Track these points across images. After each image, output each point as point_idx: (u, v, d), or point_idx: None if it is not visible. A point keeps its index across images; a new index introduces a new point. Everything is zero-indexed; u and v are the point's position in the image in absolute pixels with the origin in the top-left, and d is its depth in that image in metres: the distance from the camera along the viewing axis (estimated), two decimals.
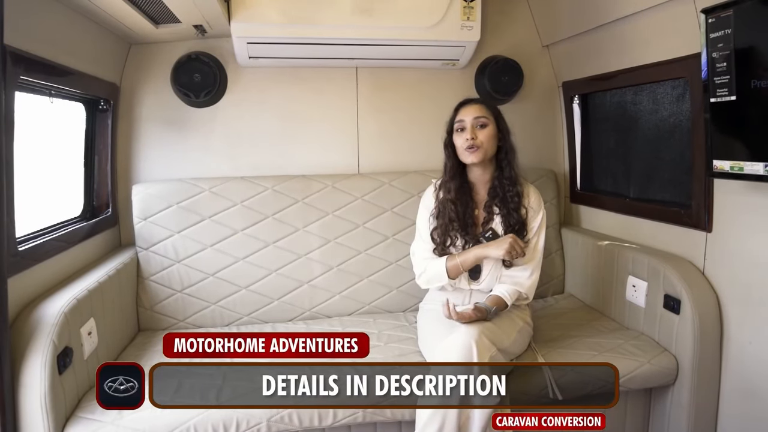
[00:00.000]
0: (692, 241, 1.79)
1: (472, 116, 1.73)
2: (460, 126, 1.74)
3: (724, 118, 1.43)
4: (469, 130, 1.72)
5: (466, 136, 1.72)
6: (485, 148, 1.72)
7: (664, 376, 1.72)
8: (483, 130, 1.73)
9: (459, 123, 1.75)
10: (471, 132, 1.71)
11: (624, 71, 2.02)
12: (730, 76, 1.37)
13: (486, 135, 1.72)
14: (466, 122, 1.73)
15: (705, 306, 1.67)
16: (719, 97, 1.42)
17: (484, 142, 1.72)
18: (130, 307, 2.00)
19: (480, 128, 1.73)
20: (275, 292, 2.15)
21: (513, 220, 1.74)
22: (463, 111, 1.76)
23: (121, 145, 2.19)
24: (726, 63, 1.38)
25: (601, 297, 2.14)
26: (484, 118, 1.73)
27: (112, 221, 2.14)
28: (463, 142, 1.73)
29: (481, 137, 1.72)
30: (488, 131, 1.73)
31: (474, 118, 1.73)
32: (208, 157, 2.27)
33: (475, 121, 1.73)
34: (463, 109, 1.77)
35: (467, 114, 1.74)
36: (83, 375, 1.52)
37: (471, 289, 1.79)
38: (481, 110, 1.75)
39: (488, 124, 1.73)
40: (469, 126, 1.72)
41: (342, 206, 2.21)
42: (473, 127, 1.72)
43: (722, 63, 1.39)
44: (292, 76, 2.30)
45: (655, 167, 2.02)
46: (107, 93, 2.05)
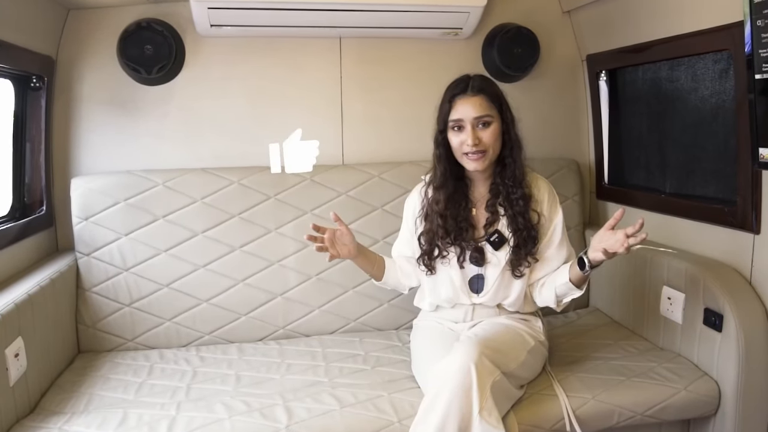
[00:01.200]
0: (737, 245, 1.81)
1: (473, 116, 1.69)
2: (457, 125, 1.72)
3: None
4: (469, 132, 1.69)
5: (466, 140, 1.69)
6: (491, 152, 1.72)
7: (704, 405, 1.74)
8: (487, 130, 1.70)
9: (455, 122, 1.72)
10: (472, 135, 1.68)
11: (659, 42, 2.04)
12: None
13: (491, 135, 1.70)
14: (465, 122, 1.70)
15: (752, 322, 1.69)
16: (765, 72, 1.44)
17: (490, 145, 1.70)
18: (68, 324, 2.01)
19: (483, 127, 1.71)
20: (242, 307, 2.17)
21: (520, 224, 1.75)
22: (460, 107, 1.71)
23: (58, 130, 2.20)
24: None
25: (631, 312, 2.16)
26: (488, 116, 1.70)
27: (46, 221, 2.15)
28: (460, 144, 1.71)
29: (485, 139, 1.70)
30: (493, 129, 1.71)
31: (475, 118, 1.69)
32: (162, 144, 2.28)
33: (477, 120, 1.70)
34: (459, 103, 1.71)
35: (465, 112, 1.70)
36: (10, 404, 1.53)
37: (473, 303, 1.80)
38: (482, 106, 1.70)
39: (492, 120, 1.71)
40: (469, 127, 1.70)
41: (323, 203, 2.23)
42: (474, 128, 1.69)
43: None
44: (263, 48, 2.32)
45: (694, 157, 2.04)
46: (40, 68, 2.05)
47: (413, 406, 1.59)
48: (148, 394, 1.75)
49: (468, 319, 1.82)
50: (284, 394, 1.70)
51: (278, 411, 1.59)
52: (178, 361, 1.98)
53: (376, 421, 1.58)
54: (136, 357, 2.02)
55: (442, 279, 1.82)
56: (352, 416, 1.59)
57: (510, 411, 1.58)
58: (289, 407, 1.61)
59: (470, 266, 1.79)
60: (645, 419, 1.71)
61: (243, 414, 1.58)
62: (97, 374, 1.88)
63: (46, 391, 1.75)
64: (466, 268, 1.79)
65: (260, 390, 1.75)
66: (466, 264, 1.79)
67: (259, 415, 1.58)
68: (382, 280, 1.93)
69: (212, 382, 1.82)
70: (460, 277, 1.79)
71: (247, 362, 1.97)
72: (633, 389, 1.72)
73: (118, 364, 1.96)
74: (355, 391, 1.71)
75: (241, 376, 1.86)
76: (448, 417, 1.44)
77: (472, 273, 1.80)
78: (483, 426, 1.43)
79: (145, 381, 1.84)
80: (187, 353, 2.05)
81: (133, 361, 1.98)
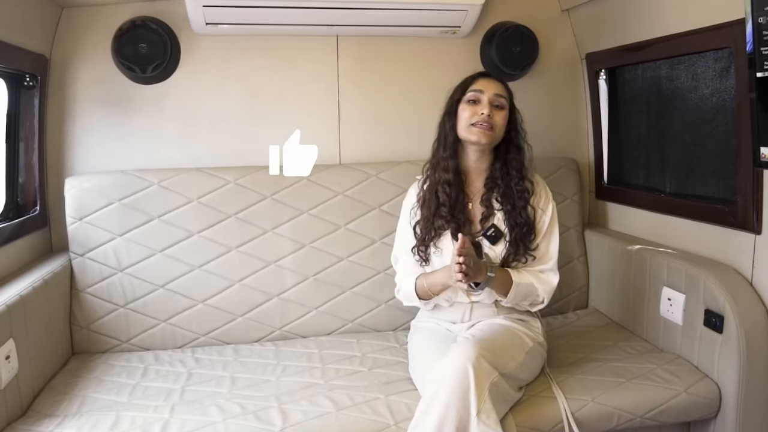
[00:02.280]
0: (738, 245, 1.79)
1: (493, 92, 1.76)
2: (476, 97, 1.76)
3: None
4: (486, 104, 1.74)
5: (481, 110, 1.73)
6: (496, 133, 1.75)
7: (705, 407, 1.72)
8: (500, 113, 1.76)
9: (475, 93, 1.76)
10: (489, 107, 1.74)
11: (659, 40, 2.02)
12: None
13: (501, 118, 1.76)
14: (485, 96, 1.75)
15: (753, 323, 1.67)
16: (767, 71, 1.42)
17: (499, 125, 1.75)
18: (62, 326, 1.99)
19: (497, 108, 1.76)
20: (239, 308, 2.15)
21: (520, 219, 1.75)
22: (483, 82, 1.78)
23: (52, 129, 2.19)
24: None
25: (631, 312, 2.14)
26: (504, 98, 1.77)
27: (40, 222, 2.14)
28: (471, 115, 1.74)
29: (496, 119, 1.75)
30: (504, 115, 1.77)
31: (495, 95, 1.76)
32: (158, 144, 2.27)
33: (496, 97, 1.76)
34: (482, 79, 1.80)
35: (488, 86, 1.77)
36: (1, 407, 1.51)
37: (472, 302, 1.79)
38: (502, 89, 1.79)
39: (505, 107, 1.78)
40: (486, 100, 1.74)
41: (320, 203, 2.22)
42: (491, 104, 1.74)
43: None
44: (259, 46, 2.30)
45: (695, 156, 2.02)
46: (34, 66, 2.04)
47: (410, 408, 1.58)
48: (142, 396, 1.73)
49: (466, 320, 1.81)
50: (280, 396, 1.69)
51: (273, 413, 1.58)
52: (173, 363, 1.97)
53: (372, 424, 1.56)
54: (131, 358, 2.00)
55: None
56: (347, 419, 1.57)
57: (508, 413, 1.57)
58: (284, 410, 1.60)
59: None
60: (645, 421, 1.69)
61: (237, 417, 1.56)
62: (90, 376, 1.86)
63: (38, 394, 1.73)
64: None
65: (255, 392, 1.74)
66: None
67: (254, 417, 1.56)
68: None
69: (207, 384, 1.81)
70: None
71: (243, 364, 1.95)
72: (633, 391, 1.70)
73: (113, 365, 1.94)
74: (352, 393, 1.69)
75: (237, 378, 1.85)
76: (445, 419, 1.42)
77: None
78: (481, 428, 1.41)
79: (139, 383, 1.82)
80: (183, 355, 2.04)
81: (128, 363, 1.96)
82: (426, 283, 1.77)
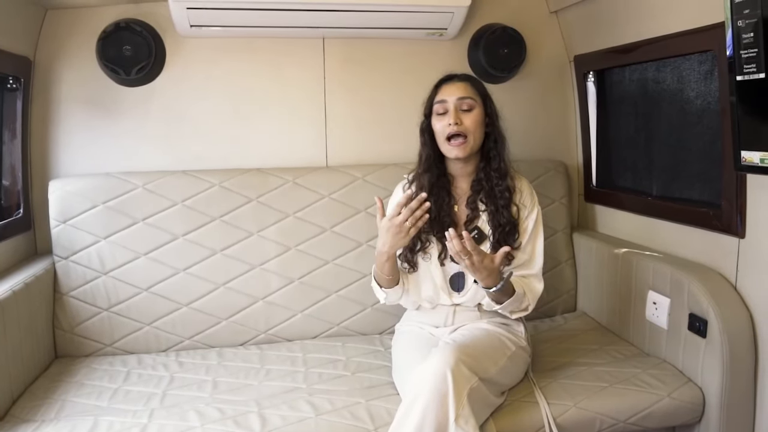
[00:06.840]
0: (722, 249, 1.79)
1: (456, 96, 1.74)
2: (442, 108, 1.75)
3: (752, 99, 1.43)
4: (452, 113, 1.73)
5: (448, 120, 1.72)
6: (472, 139, 1.74)
7: (688, 412, 1.72)
8: (469, 115, 1.74)
9: (440, 104, 1.76)
10: (455, 116, 1.72)
11: (645, 42, 2.03)
12: (758, 49, 1.37)
13: (473, 120, 1.74)
14: (449, 103, 1.74)
15: (736, 327, 1.67)
16: (746, 74, 1.42)
17: (471, 130, 1.73)
18: (44, 329, 1.99)
19: (465, 112, 1.74)
20: (223, 311, 2.15)
21: (503, 219, 1.74)
22: (445, 89, 1.77)
23: (36, 132, 2.18)
24: (753, 33, 1.37)
25: (617, 316, 2.14)
26: (471, 99, 1.75)
27: (24, 225, 2.13)
28: (444, 128, 1.74)
29: (467, 123, 1.73)
30: (475, 116, 1.75)
31: (458, 99, 1.74)
32: (142, 146, 2.26)
33: (460, 102, 1.74)
34: (444, 86, 1.78)
35: (450, 93, 1.75)
36: None
37: (454, 304, 1.79)
38: (466, 89, 1.76)
39: (475, 106, 1.75)
40: (452, 108, 1.73)
41: (306, 206, 2.21)
42: (457, 110, 1.73)
43: (749, 33, 1.38)
44: (245, 48, 2.30)
45: (680, 159, 2.02)
46: (17, 69, 2.04)
47: (390, 413, 1.57)
48: (123, 400, 1.73)
49: (449, 323, 1.80)
50: (260, 401, 1.68)
51: (252, 419, 1.57)
52: (156, 367, 1.96)
53: (351, 429, 1.55)
54: (114, 362, 2.00)
55: (424, 277, 1.81)
56: (327, 424, 1.57)
57: (489, 419, 1.56)
58: (263, 414, 1.59)
59: (451, 264, 1.78)
60: (628, 427, 1.68)
61: (216, 422, 1.56)
62: (72, 380, 1.85)
63: (18, 398, 1.72)
64: (447, 265, 1.79)
65: (236, 396, 1.73)
66: (447, 262, 1.78)
67: (233, 423, 1.55)
68: (393, 288, 1.81)
69: (188, 389, 1.80)
70: (441, 275, 1.78)
71: (226, 368, 1.95)
72: (616, 396, 1.70)
73: (95, 369, 1.94)
74: (333, 398, 1.69)
75: (218, 382, 1.84)
76: (423, 424, 1.42)
77: (453, 271, 1.79)
78: None
79: (121, 387, 1.82)
80: (166, 358, 2.03)
81: (110, 367, 1.96)
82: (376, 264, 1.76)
